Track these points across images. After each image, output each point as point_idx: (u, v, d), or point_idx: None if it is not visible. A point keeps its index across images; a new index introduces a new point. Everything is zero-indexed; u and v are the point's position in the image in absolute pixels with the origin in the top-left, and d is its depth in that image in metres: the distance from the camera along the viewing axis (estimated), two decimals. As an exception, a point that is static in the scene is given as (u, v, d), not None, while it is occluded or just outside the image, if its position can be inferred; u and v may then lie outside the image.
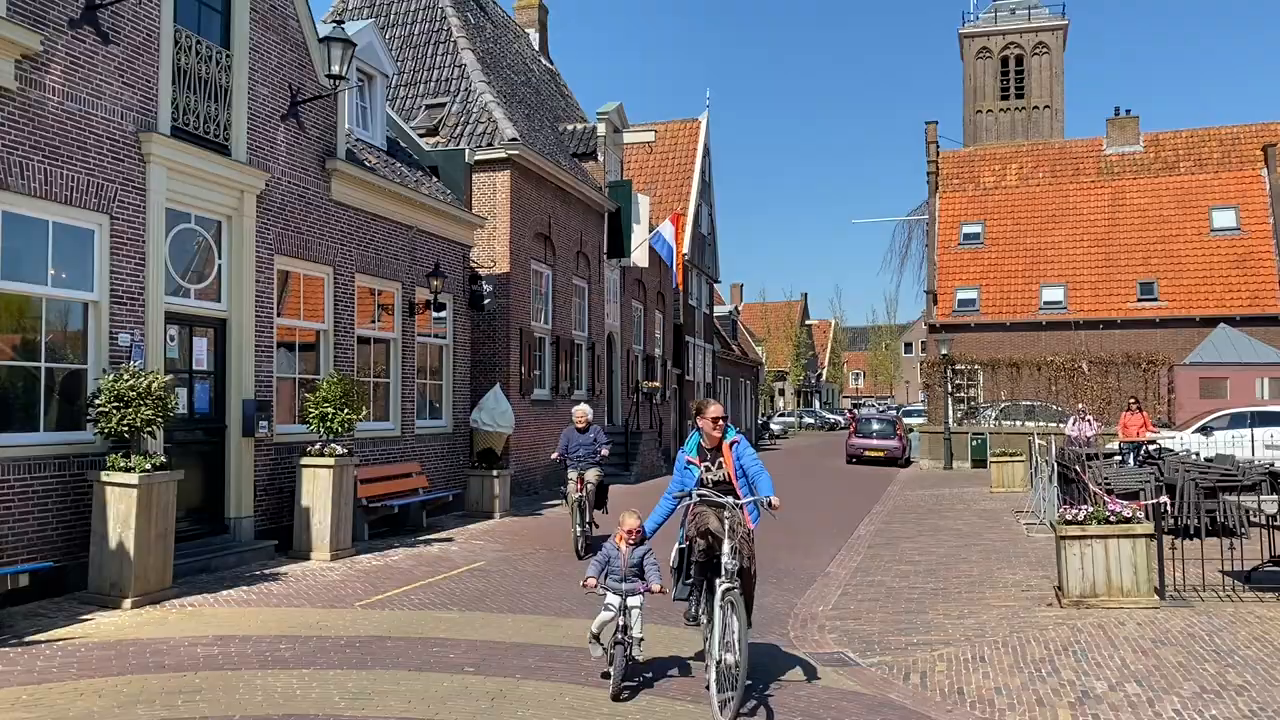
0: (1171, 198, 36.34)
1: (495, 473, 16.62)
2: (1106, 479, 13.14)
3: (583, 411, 13.37)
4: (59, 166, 9.49)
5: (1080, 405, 25.25)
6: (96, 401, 9.45)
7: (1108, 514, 9.51)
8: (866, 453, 32.68)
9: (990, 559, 12.75)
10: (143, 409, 9.37)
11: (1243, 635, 8.36)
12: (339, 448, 12.38)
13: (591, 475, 13.02)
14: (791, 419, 69.12)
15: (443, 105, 21.25)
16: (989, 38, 60.07)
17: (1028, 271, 36.05)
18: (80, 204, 9.73)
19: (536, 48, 30.14)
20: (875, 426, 34.18)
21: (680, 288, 32.92)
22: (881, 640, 8.60)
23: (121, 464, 9.20)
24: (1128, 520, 9.47)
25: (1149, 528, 9.52)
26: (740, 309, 70.11)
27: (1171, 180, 37.14)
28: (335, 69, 13.11)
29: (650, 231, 26.63)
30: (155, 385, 9.54)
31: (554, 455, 13.62)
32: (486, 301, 18.51)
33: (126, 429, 9.37)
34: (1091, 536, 9.47)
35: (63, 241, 9.66)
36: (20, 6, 9.11)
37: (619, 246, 25.68)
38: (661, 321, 31.89)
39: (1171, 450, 18.18)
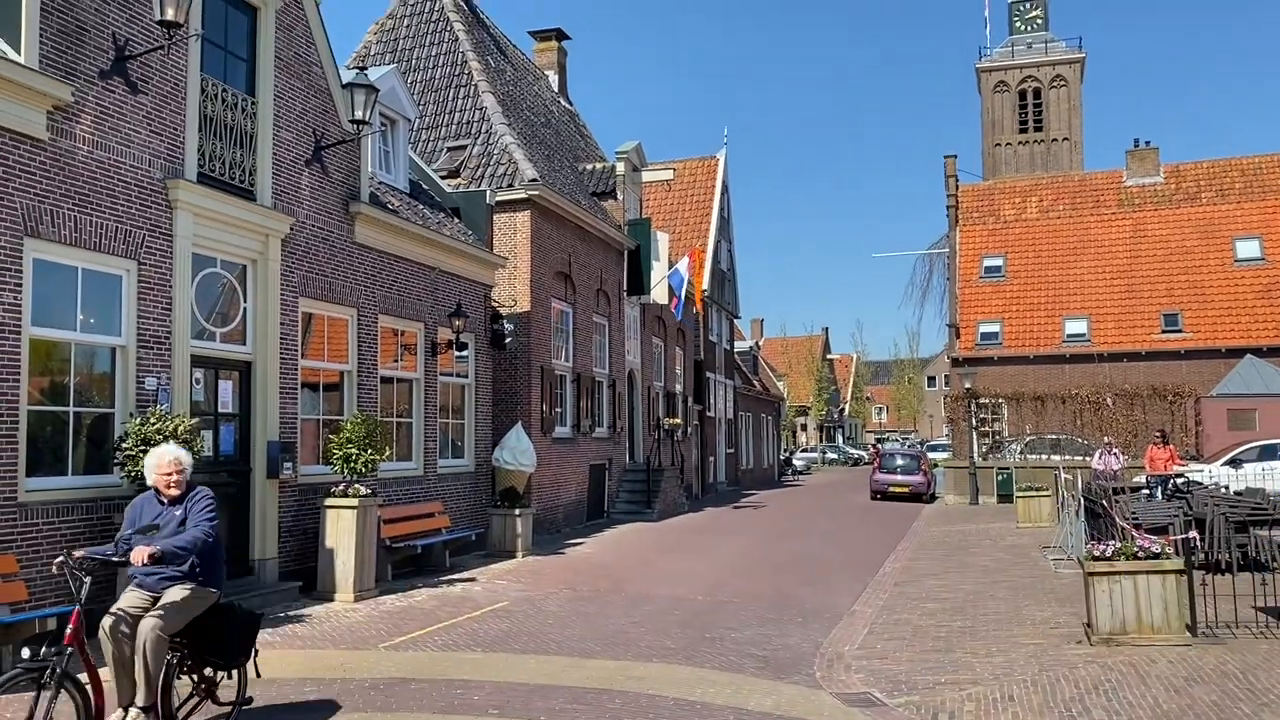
0: (1194, 229, 36.14)
1: (517, 511, 16.63)
2: (1134, 513, 13.00)
3: (173, 464, 6.51)
4: (88, 214, 9.66)
5: (1106, 438, 25.00)
6: (124, 445, 9.55)
7: (1136, 549, 9.40)
8: (891, 488, 32.40)
9: (1018, 596, 12.60)
10: (169, 452, 9.44)
11: (1278, 673, 8.21)
12: (362, 488, 12.44)
13: (175, 595, 6.16)
14: (814, 454, 68.75)
15: (464, 147, 21.51)
16: (1006, 71, 60.21)
17: (1050, 304, 35.86)
18: (109, 250, 9.90)
19: (556, 89, 30.49)
20: (900, 462, 33.93)
21: (699, 312, 32.92)
22: (909, 679, 8.50)
23: (148, 507, 9.26)
24: (1157, 556, 9.36)
25: (1179, 563, 9.39)
26: (761, 344, 70.02)
27: (1194, 211, 36.95)
28: (358, 114, 13.32)
29: (669, 268, 26.74)
30: (181, 428, 9.64)
31: (72, 556, 6.00)
32: (508, 340, 18.61)
33: (153, 472, 9.43)
34: (1120, 573, 9.34)
35: (91, 287, 9.82)
36: (52, 59, 9.33)
37: (639, 284, 25.81)
38: (682, 358, 31.91)
39: (1200, 483, 17.95)
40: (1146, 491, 18.60)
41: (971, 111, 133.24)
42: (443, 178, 20.30)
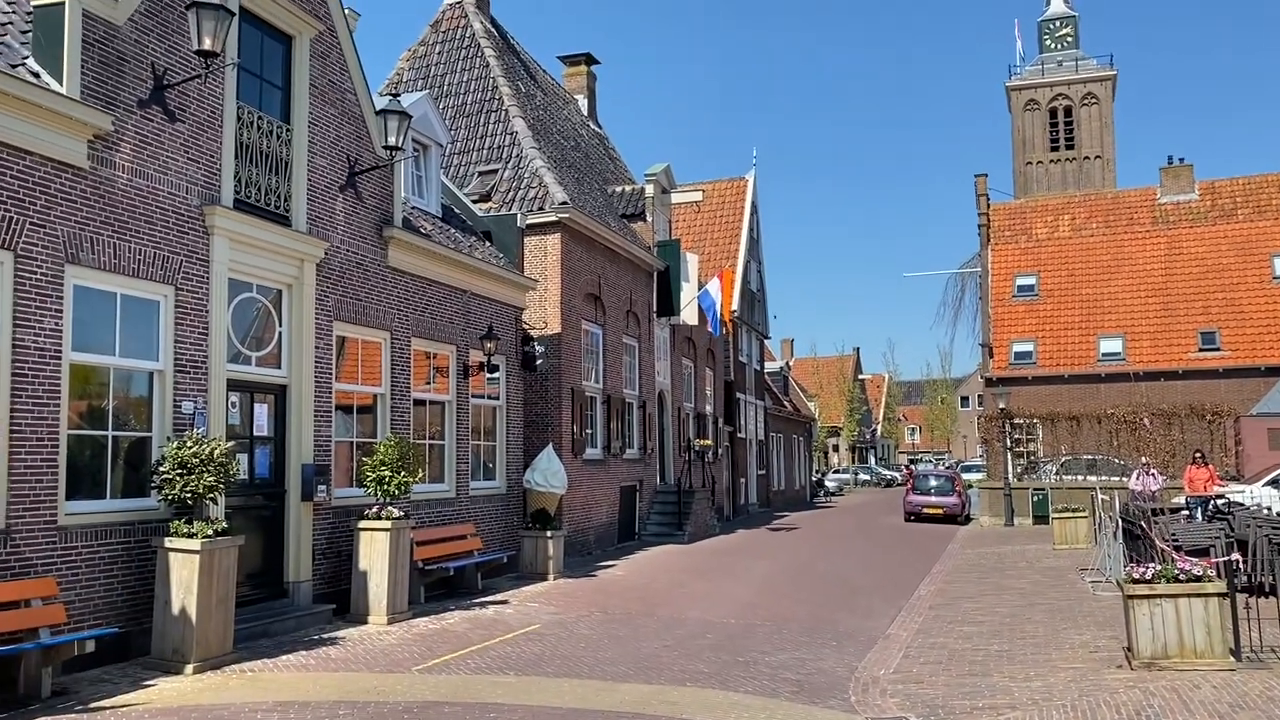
0: (1230, 246, 35.71)
1: (549, 533, 16.63)
2: (1174, 535, 12.80)
3: None
4: (127, 240, 9.82)
5: (1144, 458, 24.68)
6: (161, 468, 9.66)
7: (1177, 572, 9.25)
8: (925, 510, 32.12)
9: (1056, 619, 12.42)
10: (205, 476, 9.56)
11: (1326, 699, 8.03)
12: (396, 510, 12.49)
13: None
14: (847, 476, 68.26)
15: (495, 172, 21.68)
16: (1037, 90, 59.94)
17: (1084, 323, 35.51)
18: (147, 276, 10.05)
19: (585, 113, 30.70)
20: (933, 483, 33.65)
21: (729, 332, 32.86)
22: (945, 704, 8.39)
23: (184, 530, 9.37)
24: (1198, 578, 9.20)
25: (1221, 586, 9.23)
26: (791, 364, 69.74)
27: (1230, 228, 36.52)
28: (392, 140, 13.46)
29: (699, 289, 26.78)
30: (217, 452, 9.74)
31: None
32: (539, 362, 18.67)
33: (189, 495, 9.55)
34: (1161, 595, 9.19)
35: (130, 312, 9.97)
36: (93, 89, 9.52)
37: (668, 305, 25.85)
38: (712, 378, 31.86)
39: (1241, 504, 17.64)
40: (1186, 513, 18.31)
41: (1002, 130, 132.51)
42: (474, 202, 20.47)
